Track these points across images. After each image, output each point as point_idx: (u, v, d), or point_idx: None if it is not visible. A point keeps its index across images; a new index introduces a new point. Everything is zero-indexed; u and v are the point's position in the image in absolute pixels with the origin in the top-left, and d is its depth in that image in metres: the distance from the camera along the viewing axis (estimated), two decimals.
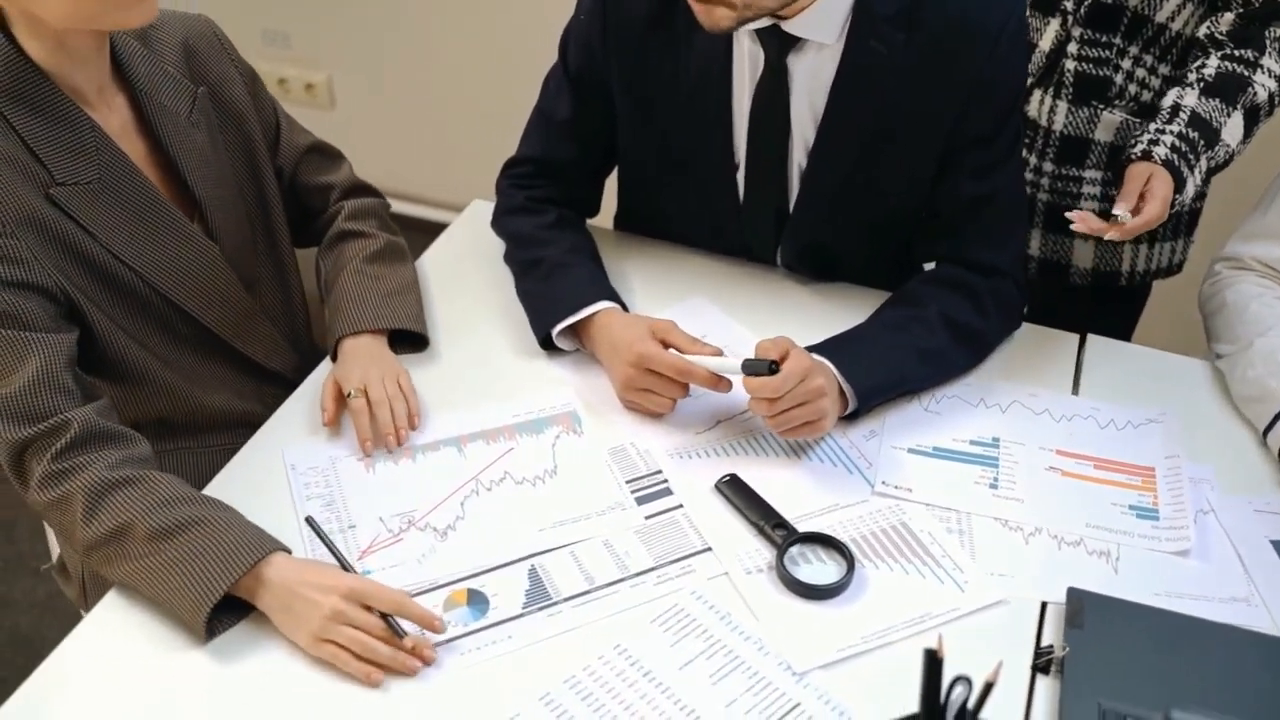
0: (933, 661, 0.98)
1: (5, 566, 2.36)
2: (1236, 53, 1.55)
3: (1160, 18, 1.59)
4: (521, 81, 1.65)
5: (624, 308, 1.51)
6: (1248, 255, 1.57)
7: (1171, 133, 1.52)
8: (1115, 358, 1.59)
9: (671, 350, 1.41)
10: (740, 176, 1.55)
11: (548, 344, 1.52)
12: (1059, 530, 1.33)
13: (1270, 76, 1.54)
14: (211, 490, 1.32)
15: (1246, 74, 1.54)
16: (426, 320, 1.54)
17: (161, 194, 1.37)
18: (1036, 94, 1.68)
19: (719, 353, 1.42)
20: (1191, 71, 1.57)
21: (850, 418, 1.43)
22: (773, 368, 1.31)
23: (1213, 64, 1.56)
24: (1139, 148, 1.52)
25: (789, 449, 1.40)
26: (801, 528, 1.29)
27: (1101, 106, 1.66)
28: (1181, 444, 1.44)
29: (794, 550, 1.27)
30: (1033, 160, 1.72)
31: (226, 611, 1.18)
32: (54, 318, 1.28)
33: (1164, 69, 1.63)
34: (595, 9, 1.49)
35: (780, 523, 1.29)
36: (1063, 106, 1.67)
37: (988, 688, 0.96)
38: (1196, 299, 1.67)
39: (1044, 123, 1.69)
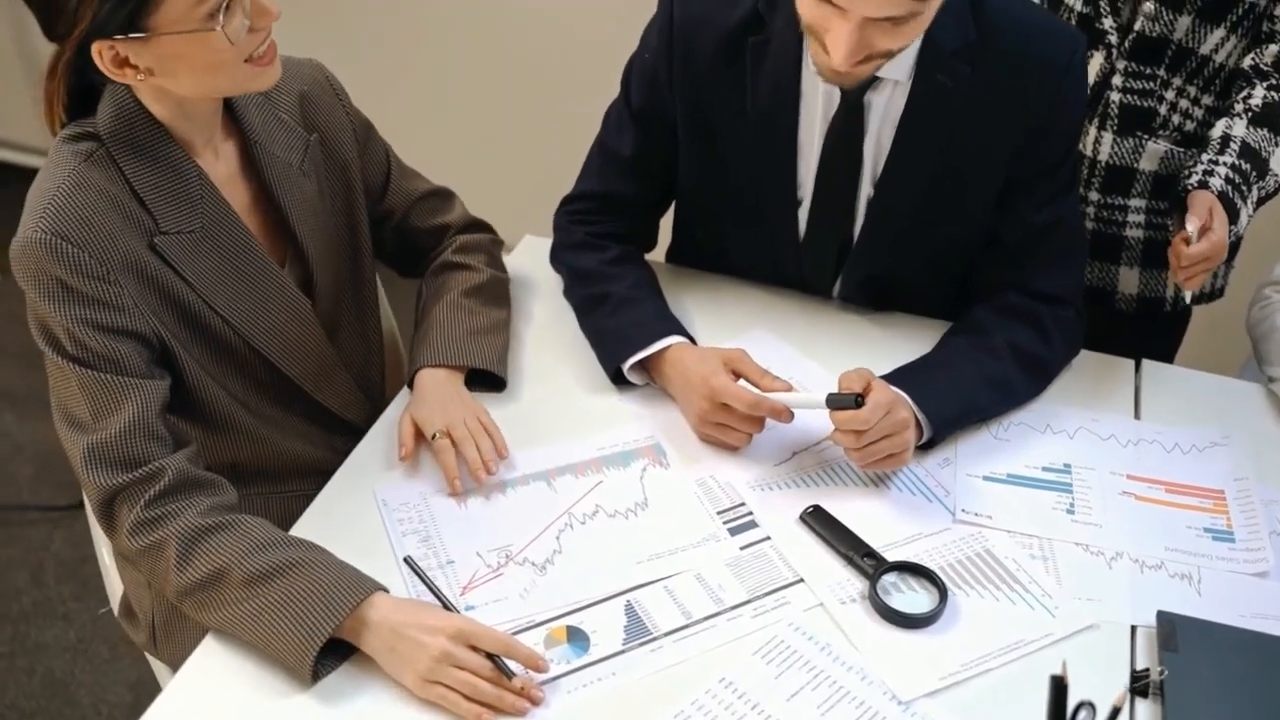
0: (1059, 687, 0.99)
1: (35, 610, 2.33)
2: None
3: (1204, 50, 1.62)
4: (549, 118, 1.67)
5: (692, 341, 1.52)
6: None
7: (1225, 164, 1.55)
8: (1170, 382, 1.62)
9: (744, 383, 1.42)
10: (802, 212, 1.57)
11: (618, 378, 1.52)
12: (1140, 554, 1.35)
13: None
14: (300, 532, 1.32)
15: None
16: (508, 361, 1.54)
17: (259, 244, 1.38)
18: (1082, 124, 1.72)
19: (789, 386, 1.43)
20: (1238, 102, 1.61)
21: (924, 447, 1.45)
22: (858, 401, 1.33)
23: (1259, 94, 1.59)
24: (1194, 179, 1.55)
25: (866, 479, 1.42)
26: (888, 557, 1.31)
27: (1146, 137, 1.69)
28: (1248, 466, 1.46)
29: (886, 580, 1.28)
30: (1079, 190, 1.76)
31: (329, 654, 1.17)
32: (149, 363, 1.28)
33: (1208, 100, 1.67)
34: (662, 45, 1.51)
35: (869, 552, 1.30)
36: (1108, 137, 1.70)
37: (1114, 712, 0.98)
38: (1244, 322, 1.70)
39: (1089, 153, 1.72)
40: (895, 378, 1.44)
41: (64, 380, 1.26)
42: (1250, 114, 1.59)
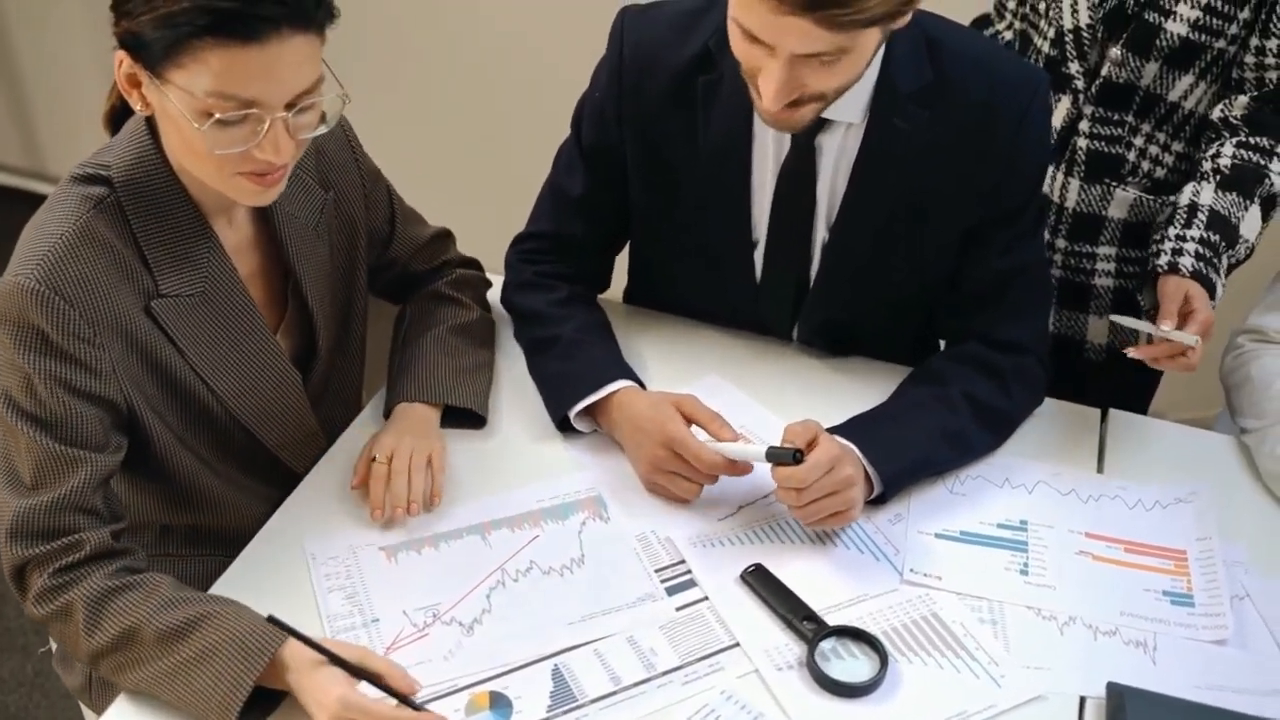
0: None
1: None
2: (1252, 140, 1.54)
3: (1173, 96, 1.58)
4: (527, 152, 1.63)
5: (642, 386, 1.48)
6: (1271, 328, 1.56)
7: (1193, 239, 1.49)
8: (1138, 433, 1.57)
9: (699, 434, 1.37)
10: (758, 255, 1.53)
11: (565, 426, 1.48)
12: (1093, 619, 1.30)
13: None
14: (226, 583, 1.29)
15: (1263, 163, 1.52)
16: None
17: (260, 316, 1.34)
18: (1049, 170, 1.67)
19: (737, 436, 1.39)
20: (1206, 160, 1.55)
21: (875, 501, 1.40)
22: (797, 457, 1.28)
23: (1228, 153, 1.54)
24: (1163, 259, 1.49)
25: (813, 536, 1.37)
26: (830, 619, 1.26)
27: (1114, 184, 1.65)
28: (1213, 524, 1.41)
29: (825, 645, 1.24)
30: (1046, 236, 1.71)
31: (252, 707, 1.13)
32: (108, 429, 1.24)
33: (1178, 146, 1.62)
34: (612, 83, 1.47)
35: (809, 615, 1.26)
36: (1075, 184, 1.66)
37: None
38: (1218, 369, 1.65)
39: (1056, 199, 1.68)
40: (846, 429, 1.40)
41: (13, 437, 1.22)
42: (1219, 175, 1.53)
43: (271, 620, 1.13)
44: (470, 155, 2.96)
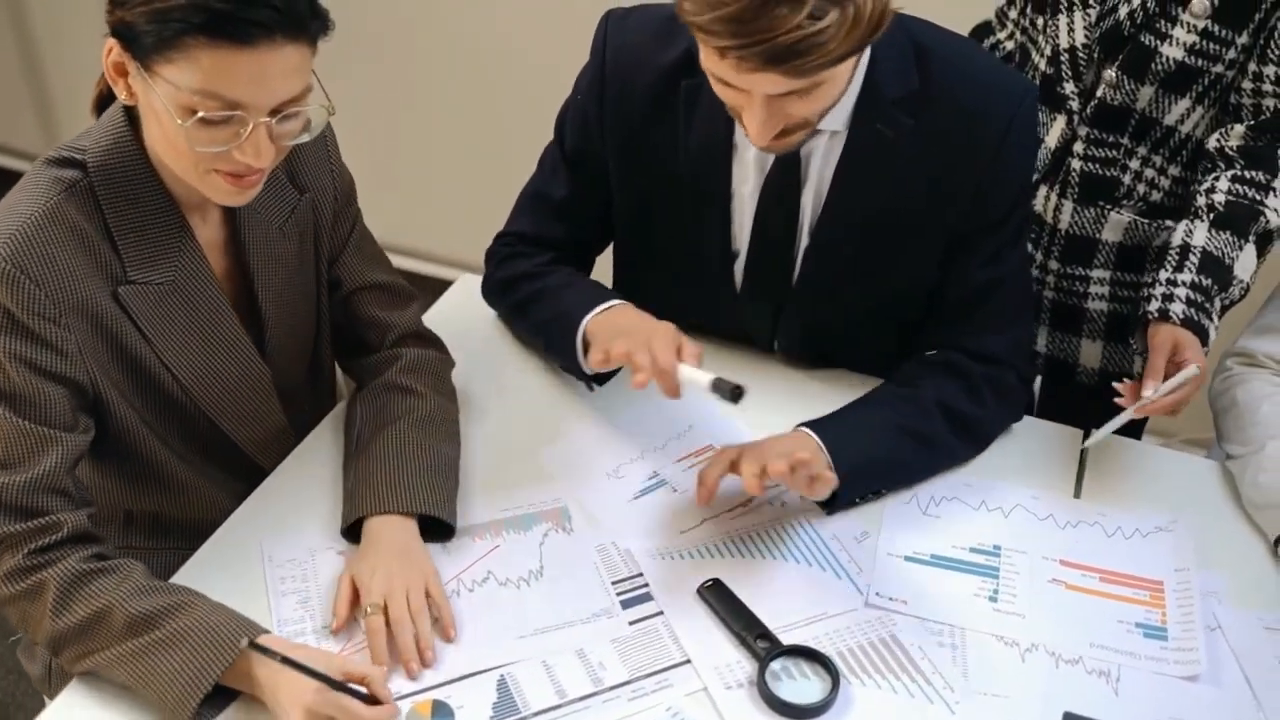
0: None
1: None
2: (1248, 174, 1.49)
3: (1169, 120, 1.54)
4: (534, 142, 1.62)
5: None
6: (1260, 352, 1.52)
7: (1184, 284, 1.46)
8: (1120, 455, 1.53)
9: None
10: (739, 265, 1.51)
11: (578, 372, 1.49)
12: (1059, 648, 1.27)
13: None
14: (181, 577, 1.29)
15: (1258, 198, 1.48)
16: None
17: (230, 310, 1.34)
18: (1043, 190, 1.64)
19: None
20: (1201, 194, 1.51)
21: (837, 501, 1.37)
22: (735, 393, 1.26)
23: (1223, 188, 1.49)
24: (1154, 305, 1.45)
25: (776, 551, 1.35)
26: (786, 638, 1.24)
27: (1109, 207, 1.61)
28: (1192, 555, 1.38)
29: (776, 665, 1.22)
30: (1039, 257, 1.68)
31: (209, 704, 1.14)
32: (75, 411, 1.24)
33: (1174, 170, 1.58)
34: (594, 86, 1.46)
35: (764, 633, 1.24)
36: (1068, 205, 1.63)
37: None
38: (1206, 392, 1.61)
39: (1050, 220, 1.65)
40: (810, 424, 1.39)
41: None
42: (1213, 214, 1.49)
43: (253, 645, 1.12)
44: (470, 157, 2.96)
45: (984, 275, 1.46)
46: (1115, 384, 1.42)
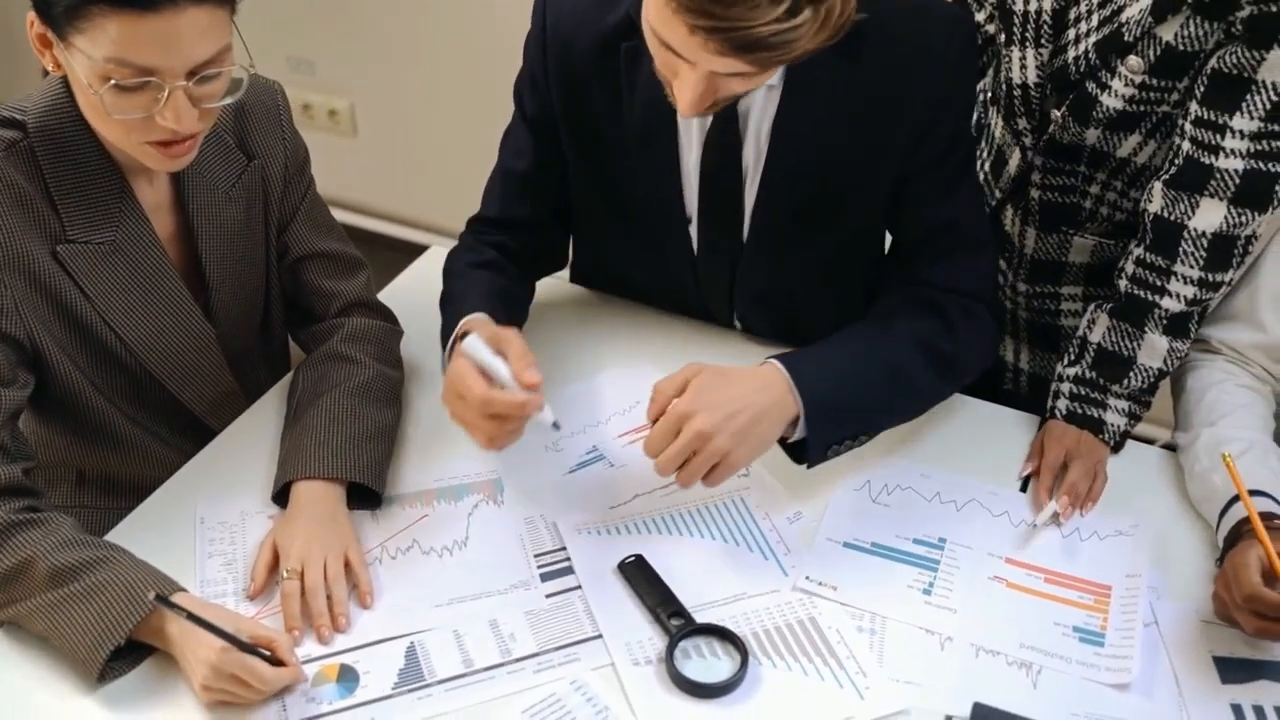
0: None
1: None
2: (1149, 258, 1.42)
3: (1122, 153, 1.48)
4: None
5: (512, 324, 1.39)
6: (1215, 338, 1.47)
7: (1069, 378, 1.46)
8: None
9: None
10: (694, 229, 1.50)
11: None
12: (983, 642, 1.24)
13: (1186, 283, 1.40)
14: (116, 536, 1.31)
15: (1159, 283, 1.41)
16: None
17: (175, 270, 1.36)
18: (1008, 210, 1.61)
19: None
20: (1118, 269, 1.46)
21: (815, 453, 1.32)
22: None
23: (1129, 270, 1.44)
24: (1049, 401, 1.48)
25: (705, 530, 1.34)
26: (703, 617, 1.24)
27: (1072, 231, 1.57)
28: (1146, 561, 1.33)
29: (686, 643, 1.21)
30: (1009, 277, 1.65)
31: (121, 659, 1.16)
32: (14, 366, 1.27)
33: (1135, 193, 1.51)
34: (537, 52, 1.46)
35: (678, 611, 1.24)
36: (1031, 232, 1.60)
37: None
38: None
39: (1016, 243, 1.62)
40: (779, 358, 1.33)
41: None
42: (1115, 302, 1.45)
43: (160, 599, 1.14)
44: (472, 146, 2.96)
45: (938, 215, 1.43)
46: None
